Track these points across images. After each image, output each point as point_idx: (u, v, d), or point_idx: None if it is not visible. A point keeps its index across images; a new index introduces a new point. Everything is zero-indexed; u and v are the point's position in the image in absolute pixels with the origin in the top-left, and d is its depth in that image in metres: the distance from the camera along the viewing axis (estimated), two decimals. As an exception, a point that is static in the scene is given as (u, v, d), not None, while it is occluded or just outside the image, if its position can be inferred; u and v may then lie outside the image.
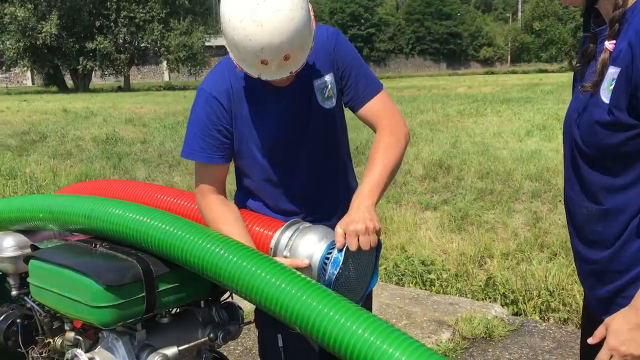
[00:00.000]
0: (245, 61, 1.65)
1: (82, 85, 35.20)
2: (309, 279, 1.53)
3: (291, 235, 1.75)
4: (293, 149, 1.90)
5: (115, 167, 8.39)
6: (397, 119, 1.87)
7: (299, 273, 1.53)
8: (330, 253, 1.65)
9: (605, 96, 1.38)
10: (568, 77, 29.60)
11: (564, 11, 57.01)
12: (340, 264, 1.61)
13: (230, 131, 1.86)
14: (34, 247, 2.02)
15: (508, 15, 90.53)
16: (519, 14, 78.57)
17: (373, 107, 1.87)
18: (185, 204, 2.02)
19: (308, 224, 1.78)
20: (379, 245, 1.72)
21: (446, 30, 73.75)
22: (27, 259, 1.84)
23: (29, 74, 49.53)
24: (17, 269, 2.16)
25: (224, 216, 1.83)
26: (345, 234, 1.63)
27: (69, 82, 37.54)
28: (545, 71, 54.76)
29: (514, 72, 56.99)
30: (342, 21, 69.16)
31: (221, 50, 61.53)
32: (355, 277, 1.72)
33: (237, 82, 1.85)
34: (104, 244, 1.82)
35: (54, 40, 32.57)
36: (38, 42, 32.29)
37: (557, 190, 5.72)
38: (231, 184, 1.94)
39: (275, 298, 1.48)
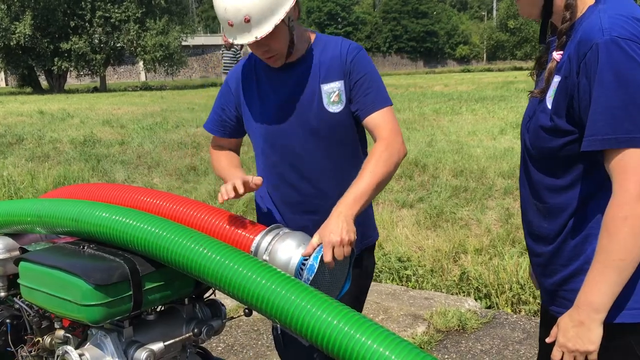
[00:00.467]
0: (222, 26, 1.92)
1: (57, 86, 34.77)
2: (287, 275, 1.63)
3: (271, 240, 1.85)
4: (289, 141, 2.07)
5: (93, 169, 8.39)
6: (396, 136, 1.97)
7: (278, 270, 1.64)
8: (307, 259, 1.76)
9: (549, 103, 1.51)
10: (542, 74, 29.90)
11: (537, 9, 57.82)
12: (315, 270, 1.73)
13: (233, 112, 2.19)
14: (23, 250, 2.09)
15: (483, 13, 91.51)
16: (494, 12, 79.46)
17: (376, 119, 2.00)
18: (169, 205, 2.11)
19: (287, 230, 1.89)
20: (352, 253, 1.83)
21: (423, 28, 74.25)
22: (17, 260, 1.92)
23: (2, 74, 48.76)
24: (5, 271, 2.23)
25: (217, 156, 2.27)
26: (320, 244, 1.74)
27: (44, 82, 37.07)
28: (521, 69, 55.38)
29: (489, 70, 57.60)
30: (319, 20, 69.28)
31: (198, 50, 61.19)
32: (329, 281, 1.83)
33: (249, 69, 2.15)
34: (91, 246, 1.91)
35: (28, 40, 32.12)
36: (12, 43, 31.82)
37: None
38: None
39: (256, 293, 1.58)
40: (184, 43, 38.86)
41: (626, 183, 1.35)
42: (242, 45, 2.03)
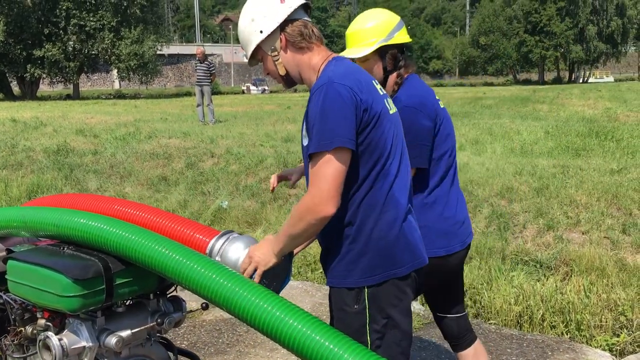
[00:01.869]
0: None
1: (30, 92, 34.63)
2: (234, 272, 1.99)
3: (223, 243, 2.22)
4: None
5: (66, 178, 8.62)
6: (315, 190, 1.87)
7: (228, 268, 2.00)
8: None
9: None
10: (511, 91, 30.94)
11: (508, 27, 59.24)
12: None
13: None
14: (9, 251, 2.42)
15: (456, 29, 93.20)
16: (467, 28, 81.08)
17: (308, 165, 1.97)
18: (137, 213, 2.44)
19: (236, 235, 2.25)
20: (290, 254, 2.18)
21: (397, 42, 75.34)
22: (5, 259, 2.24)
23: (-28, 80, 48.26)
24: (-8, 269, 2.54)
25: None
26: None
27: (16, 89, 36.84)
28: (491, 84, 56.68)
29: (461, 85, 58.77)
30: (295, 32, 69.80)
31: (173, 59, 61.29)
32: (270, 277, 2.19)
33: None
34: (70, 247, 2.24)
35: (1, 47, 32.01)
36: (-17, 49, 31.72)
37: (478, 201, 6.34)
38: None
39: (209, 287, 1.94)
40: (159, 52, 39.02)
41: None
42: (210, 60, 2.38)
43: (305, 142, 1.98)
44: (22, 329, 2.35)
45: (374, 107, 1.93)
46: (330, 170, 1.85)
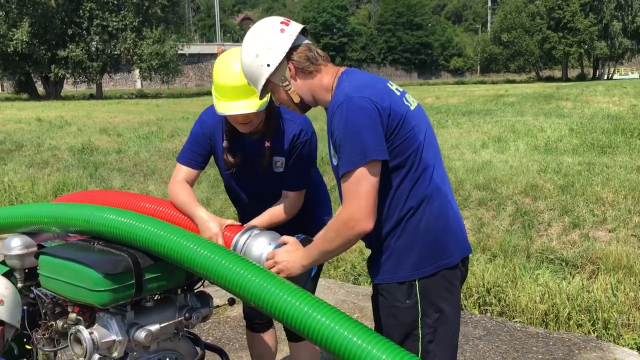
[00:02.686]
0: None
1: (54, 92, 35.13)
2: (261, 267, 2.01)
3: (247, 238, 2.24)
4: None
5: (91, 176, 8.73)
6: (353, 207, 1.91)
7: (253, 262, 2.01)
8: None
9: None
10: (534, 88, 30.57)
11: (530, 23, 58.59)
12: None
13: None
14: (40, 246, 2.46)
15: (478, 26, 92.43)
16: (489, 25, 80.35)
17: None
18: (165, 210, 2.47)
19: (258, 231, 2.27)
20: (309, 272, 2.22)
21: (417, 40, 75.03)
22: (37, 254, 2.28)
23: (-2, 80, 49.11)
24: (23, 264, 2.58)
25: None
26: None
27: (40, 89, 37.39)
28: (514, 81, 56.11)
29: (482, 82, 58.25)
30: (315, 30, 69.90)
31: (194, 58, 61.68)
32: (291, 279, 2.20)
33: None
34: (100, 242, 2.28)
35: (25, 47, 32.50)
36: (9, 50, 32.18)
37: (502, 198, 6.29)
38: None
39: (235, 281, 1.95)
40: (180, 51, 39.30)
41: None
42: None
43: (335, 162, 2.01)
44: (53, 322, 2.39)
45: (396, 110, 1.96)
46: (365, 186, 1.87)
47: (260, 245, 2.20)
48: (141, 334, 2.18)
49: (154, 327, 2.22)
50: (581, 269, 4.88)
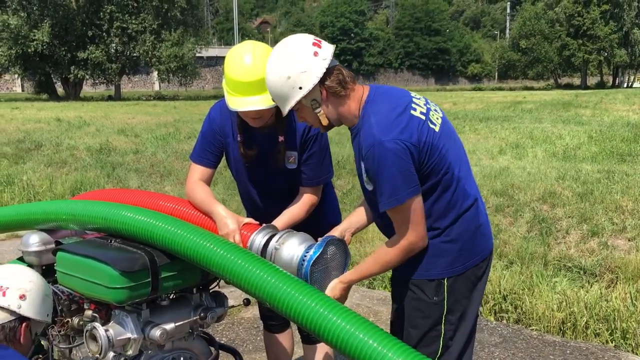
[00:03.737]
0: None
1: (73, 93, 35.51)
2: (278, 267, 2.00)
3: (267, 239, 2.22)
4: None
5: (109, 176, 8.80)
6: (410, 236, 2.05)
7: (269, 262, 2.00)
8: (306, 255, 2.14)
9: None
10: (552, 95, 30.33)
11: (549, 30, 58.17)
12: (312, 262, 2.11)
13: None
14: (58, 243, 2.48)
15: (496, 32, 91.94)
16: (507, 31, 79.93)
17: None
18: (182, 208, 2.47)
19: (286, 233, 2.26)
20: (348, 257, 2.27)
21: (435, 46, 74.81)
22: (55, 251, 2.29)
23: (18, 80, 49.71)
24: (41, 261, 2.60)
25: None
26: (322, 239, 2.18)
27: (60, 89, 37.81)
28: (532, 88, 55.70)
29: (500, 89, 57.88)
30: (332, 35, 69.97)
31: (212, 61, 62.05)
32: (322, 276, 2.19)
33: None
34: (117, 240, 2.28)
35: (46, 48, 32.90)
36: (30, 50, 32.60)
37: (519, 205, 6.23)
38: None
39: (251, 281, 1.94)
40: (198, 54, 39.54)
41: None
42: None
43: (370, 188, 2.09)
44: (69, 319, 2.40)
45: (423, 140, 2.02)
46: (416, 216, 2.02)
47: (290, 248, 2.17)
48: (156, 333, 2.18)
49: (169, 326, 2.22)
50: (599, 277, 4.81)
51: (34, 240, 2.59)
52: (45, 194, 8.12)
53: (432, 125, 2.06)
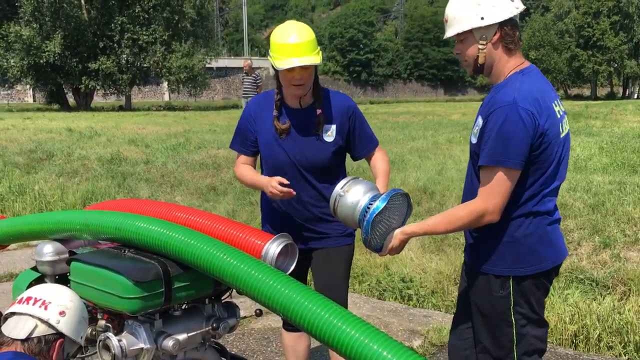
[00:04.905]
0: None
1: (84, 104, 35.74)
2: (291, 278, 2.00)
3: (278, 247, 2.23)
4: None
5: (119, 186, 8.84)
6: (489, 203, 2.15)
7: (282, 273, 2.01)
8: (371, 204, 2.20)
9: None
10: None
11: (559, 41, 58.08)
12: (377, 213, 2.16)
13: None
14: (72, 253, 2.49)
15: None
16: (516, 42, 79.78)
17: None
18: (195, 219, 2.48)
19: (353, 179, 2.33)
20: (409, 209, 2.34)
21: (444, 56, 74.72)
22: (69, 261, 2.31)
23: (30, 91, 50.09)
24: (55, 271, 2.62)
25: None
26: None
27: (71, 100, 38.08)
28: (540, 99, 55.37)
29: (509, 100, 57.61)
30: (342, 46, 70.15)
31: (221, 72, 62.35)
32: (383, 232, 2.26)
33: None
34: (130, 250, 2.30)
35: (58, 59, 33.18)
36: (42, 61, 32.87)
37: (530, 216, 6.19)
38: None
39: (264, 292, 1.95)
40: (208, 65, 39.73)
41: None
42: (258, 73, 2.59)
43: (474, 141, 2.21)
44: (83, 330, 2.41)
45: (548, 133, 2.10)
46: (503, 188, 2.09)
47: (356, 195, 2.25)
48: (169, 343, 2.18)
49: (182, 336, 2.23)
50: (612, 289, 4.77)
51: (48, 250, 2.61)
52: (57, 204, 8.17)
53: (561, 128, 2.19)
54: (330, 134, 2.70)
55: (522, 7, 2.15)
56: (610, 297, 4.58)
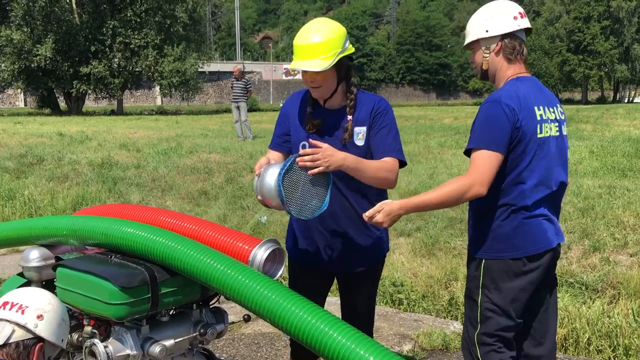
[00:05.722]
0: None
1: (76, 108, 35.61)
2: (278, 283, 1.99)
3: (265, 252, 2.23)
4: None
5: (110, 191, 8.80)
6: (473, 176, 2.37)
7: (271, 279, 2.00)
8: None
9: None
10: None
11: (550, 46, 58.44)
12: (287, 165, 2.24)
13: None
14: (58, 258, 2.47)
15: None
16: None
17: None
18: (183, 224, 2.47)
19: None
20: (329, 178, 2.37)
21: (436, 61, 75.08)
22: (55, 266, 2.29)
23: (21, 95, 49.89)
24: (41, 276, 2.60)
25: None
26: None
27: (62, 104, 37.93)
28: (532, 103, 55.60)
29: (501, 104, 57.84)
30: (334, 50, 70.18)
31: (214, 76, 62.30)
32: (300, 196, 2.29)
33: None
34: (117, 255, 2.28)
35: (49, 63, 33.06)
36: (33, 65, 32.74)
37: (520, 220, 6.21)
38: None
39: (251, 298, 1.94)
40: (200, 69, 39.68)
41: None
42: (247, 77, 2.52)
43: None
44: (69, 335, 2.39)
45: (524, 130, 2.39)
46: (487, 165, 2.35)
47: (273, 174, 2.27)
48: (156, 349, 2.17)
49: (169, 342, 2.22)
50: (601, 293, 4.78)
51: (34, 256, 2.59)
52: (47, 209, 8.12)
53: (540, 128, 2.44)
54: (361, 137, 2.55)
55: (525, 25, 2.51)
56: (599, 300, 4.59)
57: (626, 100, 58.39)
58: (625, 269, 5.06)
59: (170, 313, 2.36)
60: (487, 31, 2.51)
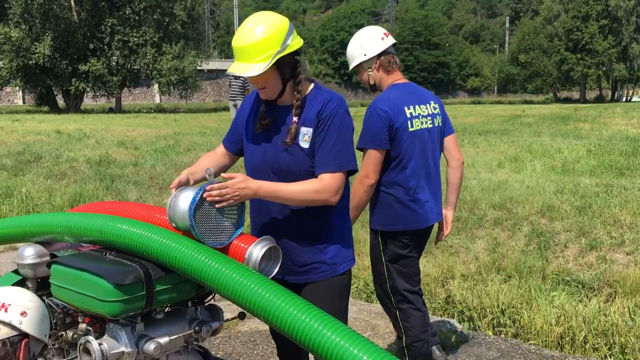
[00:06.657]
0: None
1: (74, 105, 35.53)
2: (273, 282, 1.99)
3: (262, 249, 2.21)
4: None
5: (108, 189, 8.79)
6: (362, 172, 3.09)
7: (265, 277, 2.00)
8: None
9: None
10: (551, 109, 30.38)
11: (548, 45, 58.42)
12: (196, 203, 2.14)
13: None
14: (53, 255, 2.47)
15: (495, 47, 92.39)
16: (506, 46, 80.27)
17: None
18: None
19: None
20: (242, 205, 2.27)
21: (434, 59, 75.03)
22: (50, 264, 2.29)
23: (20, 93, 49.78)
24: (36, 274, 2.59)
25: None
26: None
27: (61, 102, 37.84)
28: (531, 102, 55.79)
29: (499, 103, 57.96)
30: (333, 49, 70.25)
31: (212, 74, 62.28)
32: (213, 225, 2.20)
33: None
34: (112, 253, 2.28)
35: (47, 61, 32.97)
36: (31, 63, 32.65)
37: (517, 219, 6.22)
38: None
39: (245, 296, 1.94)
40: (198, 67, 39.62)
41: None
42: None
43: None
44: (63, 333, 2.39)
45: (399, 128, 3.05)
46: (370, 161, 3.06)
47: (187, 198, 2.19)
48: (150, 346, 2.17)
49: (164, 340, 2.21)
50: (598, 291, 4.79)
51: (29, 253, 2.58)
52: (44, 206, 8.11)
53: (411, 124, 3.09)
54: (307, 139, 2.35)
55: (391, 42, 3.20)
56: (596, 299, 4.60)
57: (624, 99, 58.42)
58: (621, 268, 5.07)
59: (165, 310, 2.35)
60: (365, 55, 3.17)
